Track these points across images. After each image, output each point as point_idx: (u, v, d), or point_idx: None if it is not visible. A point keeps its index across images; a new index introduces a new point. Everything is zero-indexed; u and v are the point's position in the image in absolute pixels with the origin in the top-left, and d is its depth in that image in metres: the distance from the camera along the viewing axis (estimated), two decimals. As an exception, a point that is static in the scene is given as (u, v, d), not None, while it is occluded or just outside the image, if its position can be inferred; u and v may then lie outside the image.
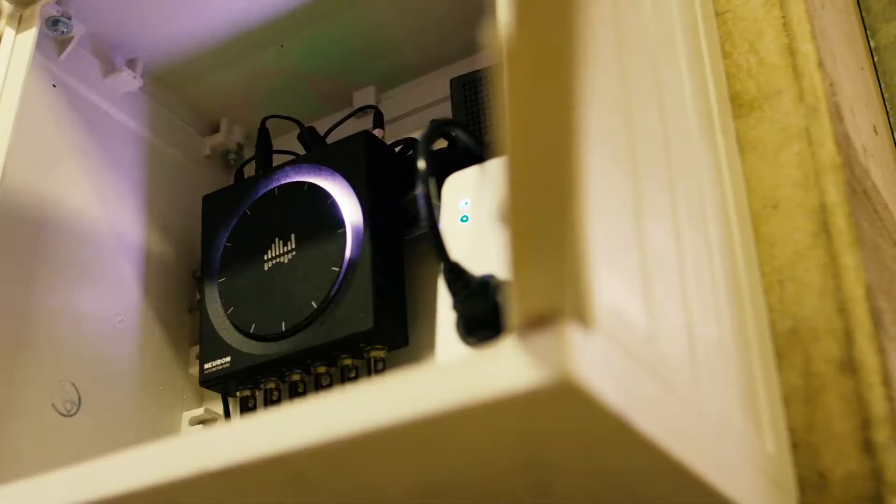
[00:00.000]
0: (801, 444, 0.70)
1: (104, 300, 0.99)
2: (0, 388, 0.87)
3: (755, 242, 0.77)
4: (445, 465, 0.56)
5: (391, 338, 0.91)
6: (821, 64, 0.79)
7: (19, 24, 0.98)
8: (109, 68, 1.06)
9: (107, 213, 1.02)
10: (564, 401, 0.46)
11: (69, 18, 0.99)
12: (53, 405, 0.91)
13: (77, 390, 0.94)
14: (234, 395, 0.98)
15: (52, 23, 0.99)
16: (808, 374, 0.71)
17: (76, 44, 1.01)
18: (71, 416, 0.92)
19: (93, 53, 1.05)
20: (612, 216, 0.53)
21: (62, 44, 1.01)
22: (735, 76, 0.82)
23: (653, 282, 0.57)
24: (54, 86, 0.99)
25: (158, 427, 1.02)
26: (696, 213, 0.68)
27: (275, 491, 0.59)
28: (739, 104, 0.81)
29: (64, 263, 0.96)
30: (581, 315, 0.46)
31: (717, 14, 0.85)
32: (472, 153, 0.84)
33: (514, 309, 0.47)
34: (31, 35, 0.96)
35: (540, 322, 0.46)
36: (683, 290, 0.61)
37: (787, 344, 0.73)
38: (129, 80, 1.07)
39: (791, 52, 0.80)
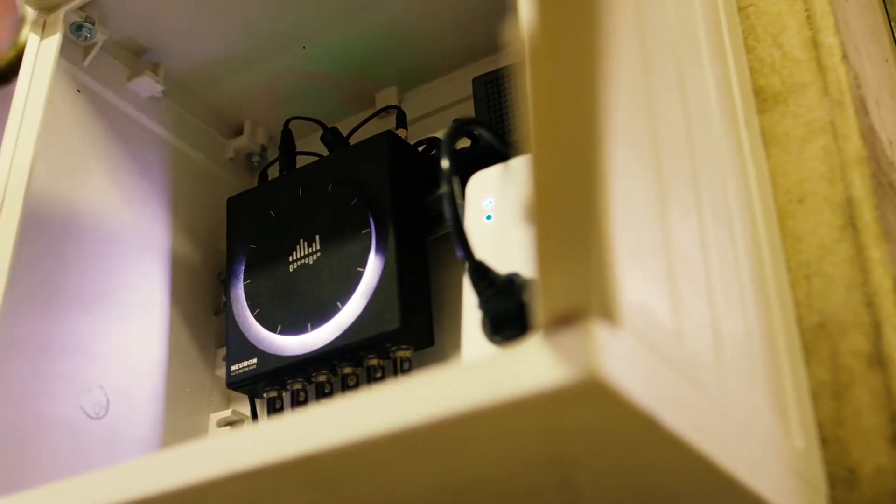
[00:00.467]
0: (830, 440, 0.69)
1: (131, 303, 1.00)
2: (29, 392, 0.87)
3: (781, 237, 0.76)
4: (472, 465, 0.56)
5: (417, 337, 0.91)
6: (845, 57, 0.79)
7: (43, 29, 0.99)
8: (133, 73, 1.07)
9: (132, 216, 1.02)
10: (591, 399, 0.46)
11: (92, 24, 1.00)
12: (82, 408, 0.92)
13: (105, 393, 0.94)
14: (261, 397, 0.98)
15: (76, 28, 0.99)
16: (837, 368, 0.71)
17: (99, 49, 1.01)
18: (99, 419, 0.93)
19: (116, 58, 1.05)
20: (636, 213, 0.53)
21: (86, 49, 1.01)
22: (758, 71, 0.82)
23: (678, 279, 0.56)
24: (78, 91, 1.00)
25: (186, 429, 1.03)
26: (721, 209, 0.68)
27: (302, 492, 0.59)
28: (763, 99, 0.81)
29: (91, 267, 0.96)
30: (607, 313, 0.46)
31: (740, 8, 0.85)
32: (496, 152, 0.84)
33: (539, 307, 0.47)
34: (55, 41, 0.97)
35: (566, 320, 0.46)
36: (709, 286, 0.61)
37: (814, 338, 0.73)
38: (152, 85, 1.07)
39: (815, 45, 0.80)
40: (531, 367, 0.47)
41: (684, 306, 0.56)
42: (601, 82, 0.45)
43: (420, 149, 1.01)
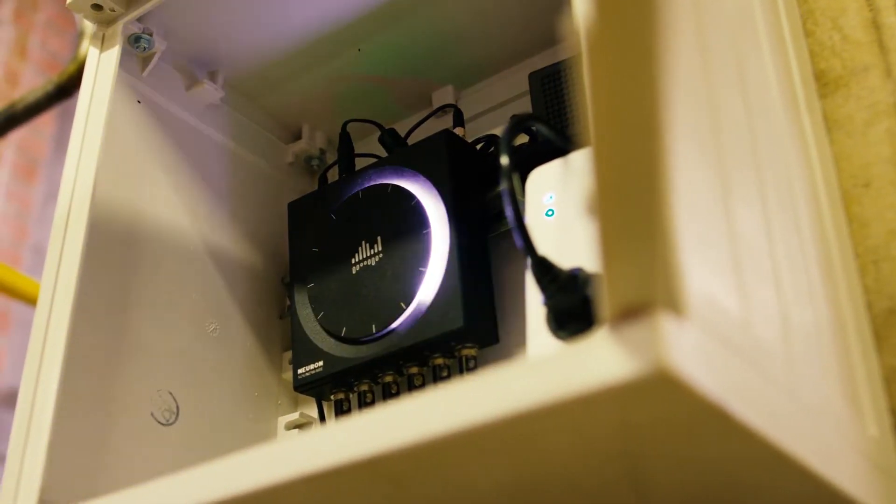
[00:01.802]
0: (905, 427, 0.68)
1: (197, 309, 1.01)
2: (101, 400, 0.88)
3: (847, 223, 0.75)
4: (540, 461, 0.56)
5: (481, 335, 0.91)
6: (907, 38, 0.78)
7: (102, 42, 1.00)
8: (191, 82, 1.08)
9: (195, 223, 1.03)
10: (660, 391, 0.46)
11: (150, 35, 1.01)
12: (153, 415, 0.93)
13: (175, 399, 0.95)
14: (329, 399, 0.99)
15: (134, 40, 1.00)
16: (909, 354, 0.70)
17: (158, 59, 1.02)
18: (170, 425, 0.94)
19: (174, 68, 1.06)
20: (699, 203, 0.52)
21: (145, 60, 1.02)
22: (819, 55, 0.81)
23: (744, 268, 0.56)
24: (139, 101, 1.01)
25: (255, 433, 1.03)
26: (785, 197, 0.67)
27: (373, 492, 0.59)
28: (824, 83, 0.80)
29: (156, 274, 0.97)
30: (673, 304, 0.46)
31: (798, -8, 0.84)
32: (554, 147, 0.84)
33: (605, 301, 0.47)
34: (114, 53, 0.98)
35: (632, 313, 0.46)
36: (775, 274, 0.60)
37: (885, 324, 0.71)
38: (210, 93, 1.08)
39: (876, 26, 0.79)
40: (598, 361, 0.46)
41: (751, 296, 0.56)
42: (660, 73, 0.45)
43: (478, 147, 1.01)
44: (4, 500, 0.81)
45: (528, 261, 0.69)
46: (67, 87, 1.93)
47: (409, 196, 0.95)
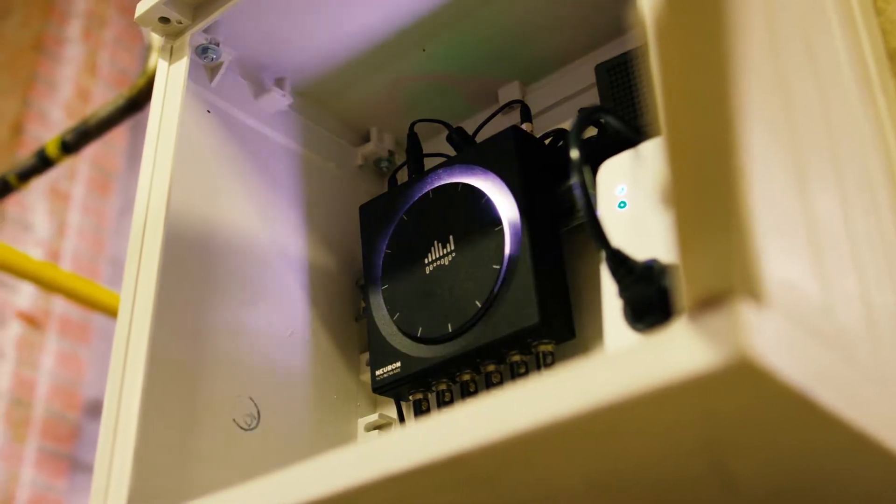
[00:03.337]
0: None
1: (274, 314, 1.02)
2: (184, 407, 0.89)
3: (927, 203, 0.74)
4: (624, 455, 0.56)
5: (558, 331, 0.90)
6: (981, 11, 0.76)
7: (171, 55, 1.01)
8: (259, 89, 1.09)
9: (269, 229, 1.04)
10: (742, 380, 0.46)
11: (217, 45, 1.02)
12: (234, 420, 0.94)
13: (256, 404, 0.96)
14: (407, 399, 0.99)
15: (202, 50, 1.02)
16: None
17: (226, 69, 1.03)
18: (252, 430, 0.95)
19: (242, 76, 1.07)
20: (775, 189, 0.52)
21: (213, 70, 1.03)
22: (891, 33, 0.80)
23: (823, 253, 0.55)
24: (208, 111, 1.02)
25: (335, 435, 1.04)
26: (862, 178, 0.66)
27: (457, 491, 0.59)
28: (898, 62, 0.78)
29: (233, 281, 0.98)
30: (752, 292, 0.46)
31: (866, -29, 0.83)
32: (624, 138, 0.83)
33: (683, 291, 0.47)
34: (182, 64, 0.99)
35: (711, 302, 0.46)
36: (855, 258, 0.60)
37: (970, 306, 0.70)
38: (278, 99, 1.09)
39: (948, 2, 0.77)
40: (678, 352, 0.46)
41: (832, 280, 0.55)
42: (731, 59, 0.45)
43: (546, 141, 1.00)
44: (94, 509, 0.82)
45: (602, 254, 0.69)
46: (138, 101, 1.96)
47: (480, 194, 0.95)
